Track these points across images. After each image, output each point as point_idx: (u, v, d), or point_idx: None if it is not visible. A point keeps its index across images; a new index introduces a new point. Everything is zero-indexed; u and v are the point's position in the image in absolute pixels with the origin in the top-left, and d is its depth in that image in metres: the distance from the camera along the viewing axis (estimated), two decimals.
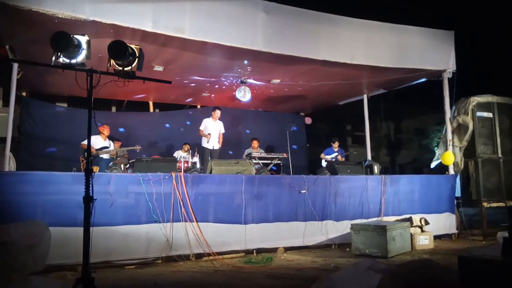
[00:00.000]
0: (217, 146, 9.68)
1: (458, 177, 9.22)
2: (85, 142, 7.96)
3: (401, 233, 7.11)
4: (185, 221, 6.48)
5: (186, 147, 9.99)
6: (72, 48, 4.14)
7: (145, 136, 11.06)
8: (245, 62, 8.40)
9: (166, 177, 6.48)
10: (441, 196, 8.86)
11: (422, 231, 7.79)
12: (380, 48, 8.52)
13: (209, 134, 9.56)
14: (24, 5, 5.76)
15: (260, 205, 7.19)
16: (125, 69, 4.40)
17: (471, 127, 9.10)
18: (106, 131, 9.06)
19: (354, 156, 12.65)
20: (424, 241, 7.59)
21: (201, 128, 9.72)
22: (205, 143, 9.65)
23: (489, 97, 9.43)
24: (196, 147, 9.89)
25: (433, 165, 9.86)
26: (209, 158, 9.39)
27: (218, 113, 9.73)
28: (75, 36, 4.19)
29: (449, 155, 9.07)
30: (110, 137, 9.35)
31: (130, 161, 8.85)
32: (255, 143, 10.20)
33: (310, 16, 7.95)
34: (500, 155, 9.24)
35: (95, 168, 8.18)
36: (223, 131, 9.86)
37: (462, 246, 7.97)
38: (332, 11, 8.22)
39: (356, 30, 8.36)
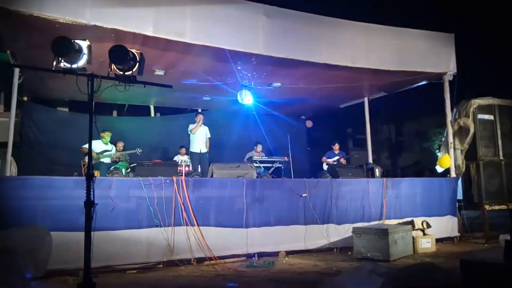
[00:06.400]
0: (204, 149, 9.69)
1: (460, 179, 9.20)
2: (86, 146, 7.96)
3: (403, 236, 7.09)
4: (187, 225, 6.47)
5: (183, 150, 9.99)
6: (73, 52, 4.16)
7: (146, 140, 11.04)
8: (246, 65, 8.39)
9: (168, 181, 6.48)
10: (442, 199, 8.83)
11: (424, 234, 7.77)
12: (381, 51, 8.52)
13: (193, 128, 9.58)
14: (25, 10, 5.77)
15: (261, 209, 7.18)
16: (126, 73, 4.42)
17: (472, 130, 9.08)
18: (107, 136, 9.06)
19: (355, 159, 12.62)
20: (426, 244, 7.57)
21: (189, 129, 9.73)
22: (192, 148, 9.68)
23: (490, 99, 9.41)
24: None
25: (439, 169, 9.80)
26: (199, 162, 9.47)
27: (200, 117, 9.72)
28: (76, 41, 4.21)
29: (446, 158, 9.06)
30: (112, 141, 9.34)
31: (131, 165, 8.85)
32: (259, 148, 10.20)
33: (310, 20, 7.95)
34: (501, 158, 9.21)
35: (96, 173, 8.18)
36: (209, 135, 9.86)
37: (464, 249, 7.94)
38: (333, 14, 8.22)
39: (357, 33, 8.36)
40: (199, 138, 9.66)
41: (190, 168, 9.09)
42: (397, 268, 5.34)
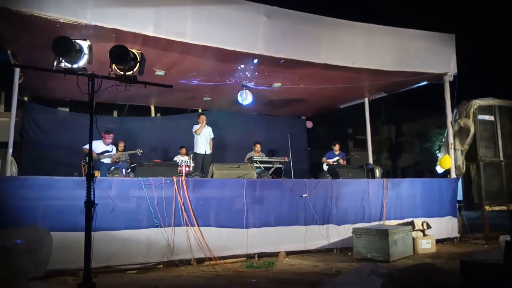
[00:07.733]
0: (208, 150, 9.72)
1: (460, 180, 9.19)
2: (87, 146, 7.97)
3: (403, 237, 7.09)
4: (187, 225, 6.47)
5: (183, 150, 9.98)
6: (74, 52, 4.15)
7: (146, 140, 11.05)
8: (246, 66, 8.40)
9: (168, 181, 6.48)
10: (443, 200, 8.83)
11: (424, 235, 7.77)
12: (381, 51, 8.51)
13: (198, 129, 9.60)
14: (26, 10, 5.78)
15: (261, 209, 7.18)
16: (127, 73, 4.41)
17: (472, 130, 9.08)
18: (110, 138, 9.06)
19: (356, 160, 12.63)
20: (426, 245, 7.57)
21: (194, 130, 9.73)
22: (197, 149, 9.67)
23: (491, 100, 9.41)
24: (191, 152, 9.87)
25: (440, 170, 9.79)
26: (202, 162, 9.46)
27: (203, 118, 9.73)
28: (76, 40, 4.21)
29: (447, 159, 9.06)
30: (112, 142, 9.34)
31: (131, 166, 8.85)
32: (257, 147, 10.20)
33: (311, 20, 7.95)
34: (502, 158, 9.21)
35: (96, 173, 8.17)
36: (212, 135, 9.88)
37: (464, 250, 7.94)
38: (333, 14, 8.23)
39: (357, 33, 8.36)
40: (203, 139, 9.68)
41: (191, 169, 9.09)
42: (397, 269, 5.33)
